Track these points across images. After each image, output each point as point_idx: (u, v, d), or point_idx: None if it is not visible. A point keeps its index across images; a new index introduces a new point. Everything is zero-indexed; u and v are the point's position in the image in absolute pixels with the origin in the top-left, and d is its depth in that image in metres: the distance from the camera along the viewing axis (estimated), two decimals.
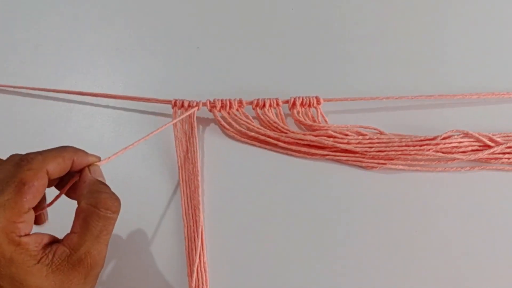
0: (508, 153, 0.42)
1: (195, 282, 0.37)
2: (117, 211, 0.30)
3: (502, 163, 0.42)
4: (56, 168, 0.30)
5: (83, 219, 0.29)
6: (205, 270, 0.37)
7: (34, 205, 0.28)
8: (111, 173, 0.33)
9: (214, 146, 0.43)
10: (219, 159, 0.43)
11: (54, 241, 0.29)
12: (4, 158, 0.30)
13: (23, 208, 0.27)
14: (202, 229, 0.39)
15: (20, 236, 0.27)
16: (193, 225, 0.39)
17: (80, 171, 0.32)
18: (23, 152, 0.30)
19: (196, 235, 0.38)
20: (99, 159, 0.33)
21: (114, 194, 0.30)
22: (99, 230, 0.28)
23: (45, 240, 0.29)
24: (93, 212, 0.29)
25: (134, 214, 0.39)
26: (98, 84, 0.48)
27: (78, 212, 0.29)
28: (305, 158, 0.43)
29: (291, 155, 0.43)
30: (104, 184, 0.31)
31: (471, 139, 0.42)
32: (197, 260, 0.37)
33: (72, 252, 0.28)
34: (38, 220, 0.32)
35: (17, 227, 0.27)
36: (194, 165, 0.41)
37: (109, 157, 0.33)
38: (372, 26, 0.51)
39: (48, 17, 0.52)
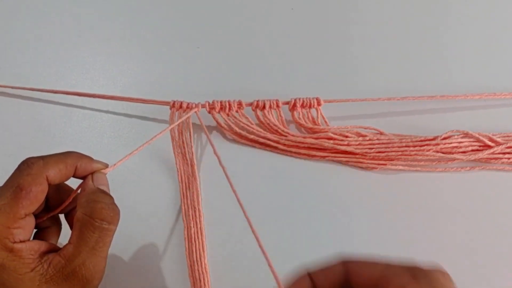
0: (508, 153, 0.42)
1: (196, 283, 0.37)
2: (113, 223, 0.29)
3: (502, 163, 0.42)
4: (57, 174, 0.29)
5: (79, 229, 0.28)
6: (206, 271, 0.37)
7: (31, 211, 0.28)
8: (109, 175, 0.33)
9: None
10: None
11: (53, 250, 0.28)
12: (4, 158, 0.30)
13: (19, 213, 0.27)
14: (202, 230, 0.39)
15: (14, 242, 0.26)
16: (193, 227, 0.39)
17: (83, 178, 0.31)
18: (21, 154, 0.30)
19: (196, 237, 0.38)
20: (105, 166, 0.31)
21: (112, 204, 0.29)
22: (94, 241, 0.27)
23: (43, 248, 0.28)
24: (88, 223, 0.28)
25: (134, 216, 0.39)
26: (98, 85, 0.48)
27: (74, 221, 0.28)
28: (305, 159, 0.43)
29: (291, 155, 0.43)
30: (104, 193, 0.30)
31: (471, 139, 0.42)
32: (198, 261, 0.37)
33: (66, 263, 0.27)
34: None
35: (11, 233, 0.26)
36: (193, 167, 0.41)
37: (115, 164, 0.32)
38: (373, 26, 0.51)
39: (48, 17, 0.52)
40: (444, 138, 0.42)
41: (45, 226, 0.32)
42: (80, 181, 0.31)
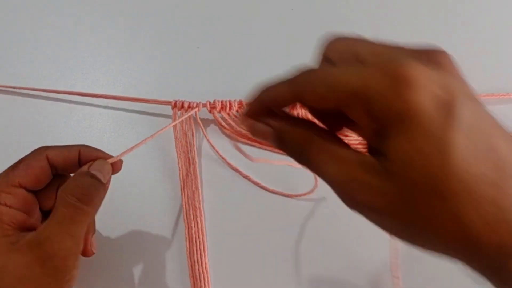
0: None
1: (197, 283, 0.37)
2: (86, 204, 0.28)
3: None
4: (59, 154, 0.30)
5: (55, 206, 0.28)
6: (206, 271, 0.37)
7: (27, 183, 0.29)
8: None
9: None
10: (219, 159, 0.43)
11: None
12: (4, 159, 0.30)
13: (12, 181, 0.28)
14: (203, 230, 0.39)
15: None
16: (194, 226, 0.39)
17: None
18: (21, 153, 0.31)
19: (197, 236, 0.38)
20: (110, 157, 0.32)
21: (91, 186, 0.29)
22: (62, 216, 0.27)
23: (28, 224, 0.29)
24: (61, 198, 0.28)
25: (135, 215, 0.39)
26: (98, 85, 0.48)
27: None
28: None
29: None
30: (90, 175, 0.29)
31: None
32: (198, 261, 0.37)
33: (35, 235, 0.27)
34: (84, 251, 0.31)
35: (0, 195, 0.28)
36: (194, 166, 0.41)
37: (117, 156, 0.32)
38: (372, 26, 0.51)
39: (48, 17, 0.52)
40: None
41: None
42: None
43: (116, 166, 0.32)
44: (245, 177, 0.42)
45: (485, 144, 0.18)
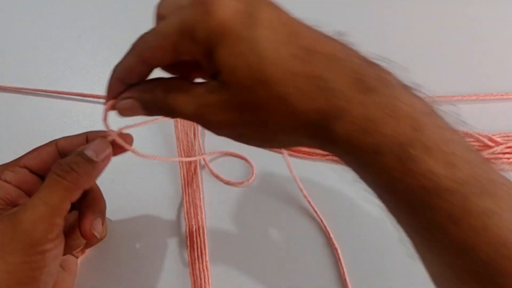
0: (508, 153, 0.42)
1: (197, 281, 0.37)
2: (64, 177, 0.28)
3: (502, 163, 0.42)
4: (68, 140, 0.31)
5: None
6: (206, 268, 0.37)
7: (32, 165, 0.30)
8: (111, 172, 0.33)
9: (214, 145, 0.43)
10: (220, 157, 0.43)
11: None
12: (4, 159, 0.31)
13: (18, 162, 0.30)
14: (203, 228, 0.39)
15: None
16: (195, 224, 0.39)
17: None
18: (21, 153, 0.31)
19: (197, 234, 0.38)
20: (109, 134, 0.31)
21: (72, 163, 0.28)
22: (42, 187, 0.27)
23: (20, 201, 0.29)
24: (48, 174, 0.28)
25: (135, 213, 0.39)
26: (98, 84, 0.48)
27: None
28: (305, 158, 0.43)
29: (291, 155, 0.43)
30: (78, 155, 0.29)
31: (471, 139, 0.42)
32: (199, 259, 0.37)
33: (17, 207, 0.27)
34: (83, 231, 0.31)
35: (3, 171, 0.29)
36: (195, 165, 0.41)
37: (118, 129, 0.32)
38: (371, 27, 0.52)
39: (48, 17, 0.52)
40: None
41: None
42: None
43: (123, 142, 0.32)
44: (227, 182, 0.42)
45: (288, 33, 0.22)
